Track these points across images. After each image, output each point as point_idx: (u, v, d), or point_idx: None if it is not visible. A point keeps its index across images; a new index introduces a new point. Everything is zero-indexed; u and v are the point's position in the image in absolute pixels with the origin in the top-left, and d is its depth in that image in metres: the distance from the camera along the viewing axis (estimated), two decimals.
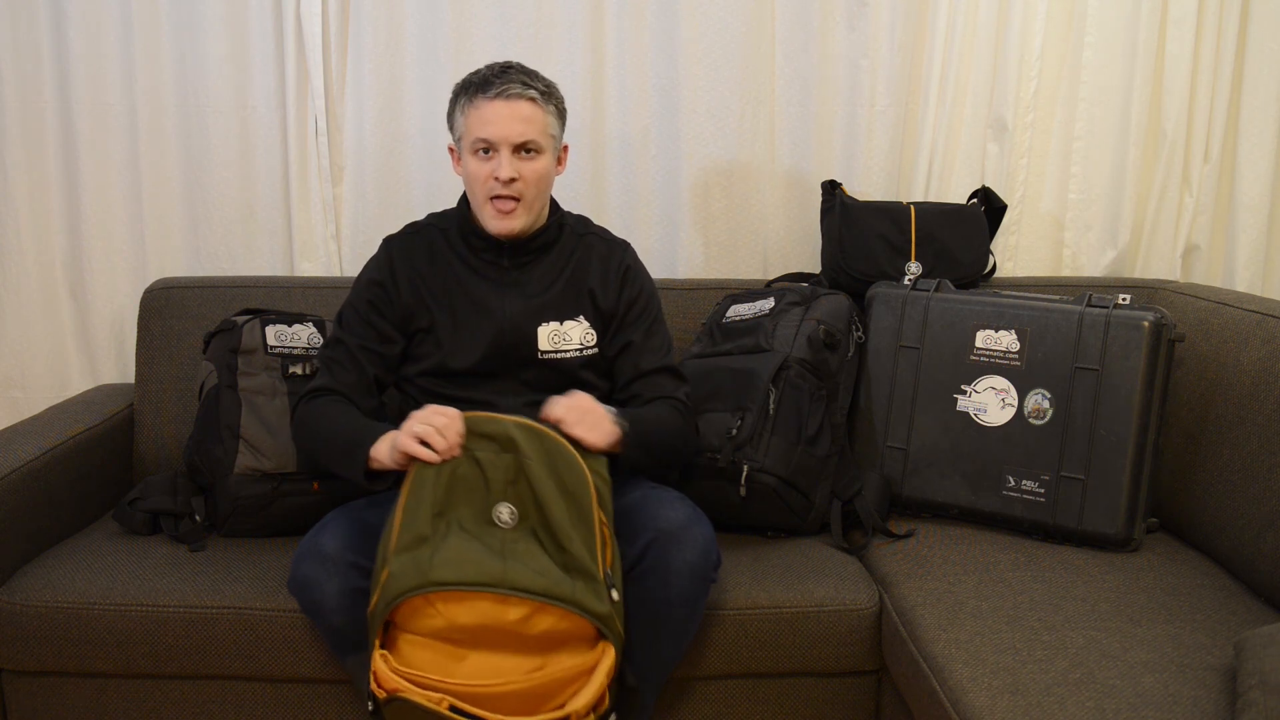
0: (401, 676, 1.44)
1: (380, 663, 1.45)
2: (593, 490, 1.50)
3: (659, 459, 1.74)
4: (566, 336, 1.78)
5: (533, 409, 1.71)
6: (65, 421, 2.03)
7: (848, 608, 1.71)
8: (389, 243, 1.85)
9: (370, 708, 1.49)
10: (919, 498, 2.00)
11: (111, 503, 2.04)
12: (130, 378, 2.33)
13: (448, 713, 1.43)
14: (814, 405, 1.93)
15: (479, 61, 2.26)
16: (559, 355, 1.78)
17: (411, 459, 1.51)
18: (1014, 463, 1.91)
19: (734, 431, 1.85)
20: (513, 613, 1.44)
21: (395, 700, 1.44)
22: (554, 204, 1.85)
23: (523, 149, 1.69)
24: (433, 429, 1.50)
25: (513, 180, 1.69)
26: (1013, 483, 1.91)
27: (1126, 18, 2.33)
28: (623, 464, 1.65)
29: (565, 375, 1.78)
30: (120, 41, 2.29)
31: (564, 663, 1.47)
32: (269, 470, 1.88)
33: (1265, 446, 1.69)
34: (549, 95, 1.72)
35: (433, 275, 1.79)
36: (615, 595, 1.48)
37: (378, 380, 1.79)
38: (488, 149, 1.69)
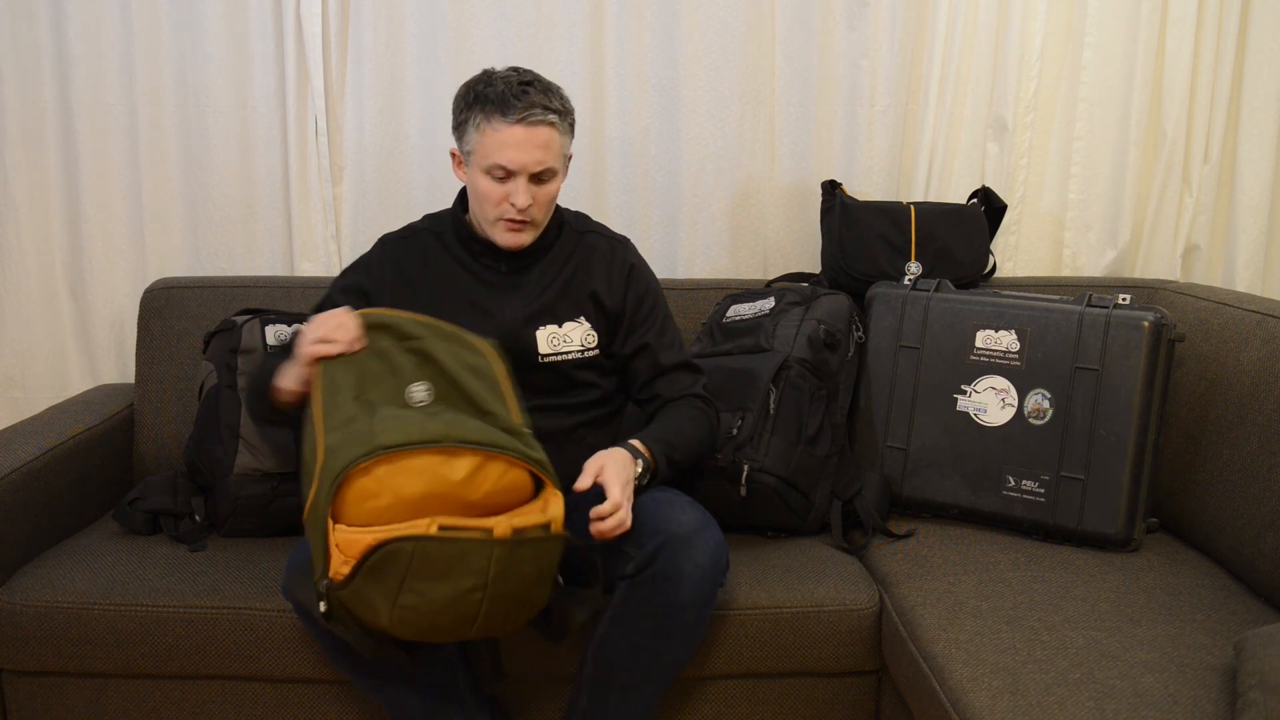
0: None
1: (342, 533, 1.35)
2: (494, 365, 1.52)
3: (689, 465, 1.75)
4: (566, 338, 1.77)
5: (538, 414, 1.71)
6: (65, 421, 2.03)
7: (848, 608, 1.71)
8: (384, 243, 1.84)
9: (323, 608, 1.38)
10: (919, 498, 2.00)
11: (111, 503, 2.04)
12: (130, 378, 2.33)
13: (439, 533, 1.35)
14: (814, 405, 1.93)
15: (479, 61, 2.27)
16: (559, 358, 1.77)
17: (315, 366, 1.48)
18: (1014, 463, 1.91)
19: (734, 431, 1.85)
20: (459, 470, 1.38)
21: (375, 553, 1.33)
22: None
23: (540, 176, 1.67)
24: (327, 327, 1.49)
25: (528, 206, 1.67)
26: (1013, 483, 1.91)
27: (1126, 18, 2.33)
28: (656, 483, 1.67)
29: (566, 377, 1.78)
30: (120, 41, 2.29)
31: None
32: (269, 470, 1.88)
33: (1265, 446, 1.69)
34: (564, 114, 1.68)
35: (427, 280, 1.78)
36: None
37: None
38: (504, 172, 1.66)
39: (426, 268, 1.78)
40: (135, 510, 1.91)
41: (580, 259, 1.80)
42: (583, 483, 1.55)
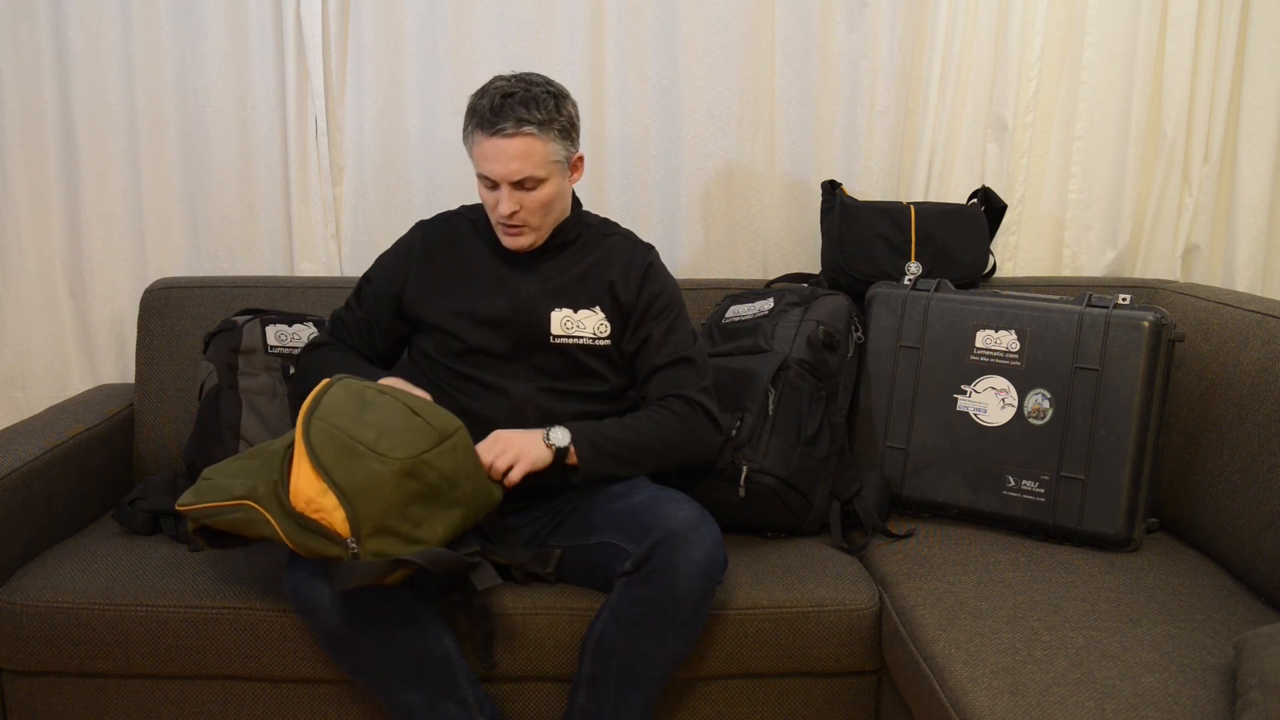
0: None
1: (301, 500, 1.47)
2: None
3: (642, 462, 1.75)
4: (580, 324, 1.80)
5: (546, 395, 1.76)
6: (65, 421, 2.03)
7: (848, 608, 1.71)
8: (419, 226, 1.91)
9: (357, 555, 1.47)
10: (919, 498, 2.00)
11: (111, 503, 2.04)
12: (130, 378, 2.33)
13: (310, 400, 1.54)
14: (813, 406, 1.93)
15: (479, 61, 2.28)
16: (570, 341, 1.79)
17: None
18: (1014, 463, 1.91)
19: (733, 432, 1.85)
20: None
21: (317, 464, 1.47)
22: (576, 202, 1.87)
23: (522, 184, 1.71)
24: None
25: (514, 213, 1.72)
26: (1013, 483, 1.91)
27: (1126, 18, 2.33)
28: (586, 473, 1.69)
29: (575, 363, 1.80)
30: (120, 41, 2.29)
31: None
32: None
33: (1265, 446, 1.69)
34: (549, 122, 1.69)
35: (454, 257, 1.84)
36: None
37: (380, 356, 1.90)
38: (490, 181, 1.72)
39: (455, 247, 1.85)
40: (135, 510, 1.91)
41: (602, 254, 1.84)
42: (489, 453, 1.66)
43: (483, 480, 1.62)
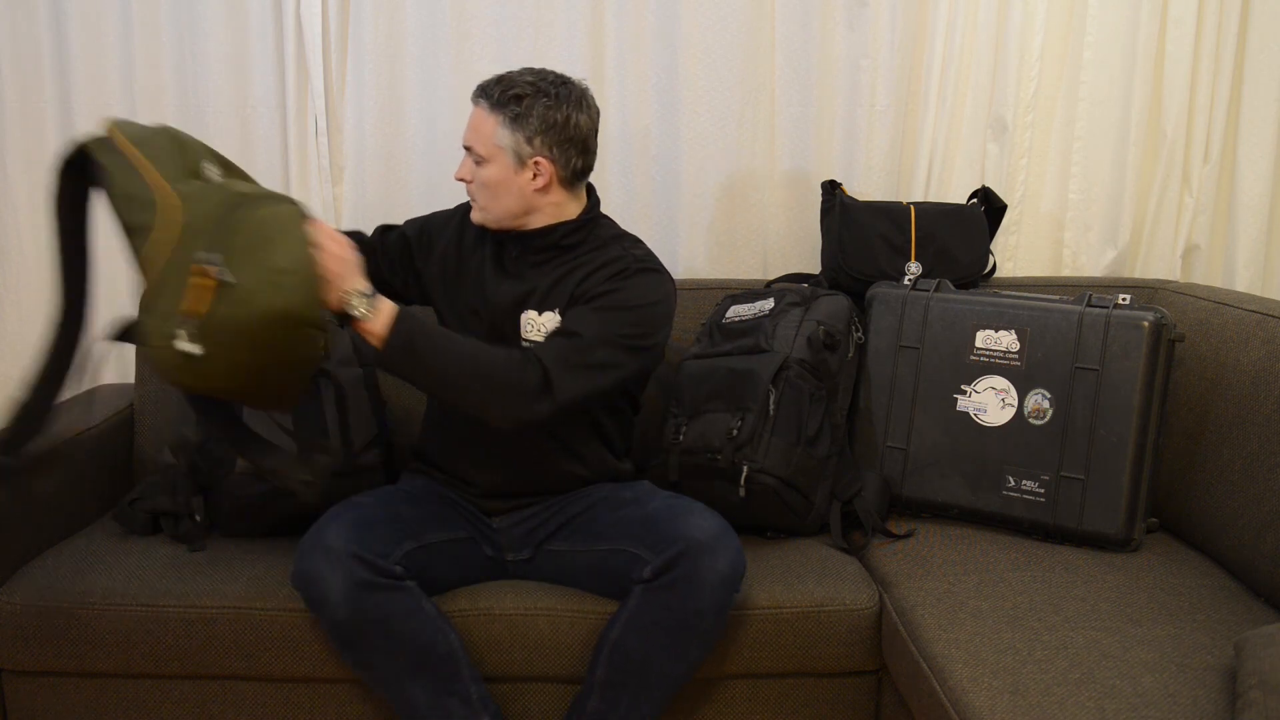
0: None
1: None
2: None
3: (445, 374, 1.59)
4: (541, 327, 1.74)
5: None
6: (65, 421, 2.03)
7: (848, 608, 1.71)
8: (461, 209, 1.88)
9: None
10: (919, 498, 2.00)
11: (111, 503, 2.04)
12: (130, 378, 2.33)
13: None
14: (814, 406, 1.93)
15: (479, 61, 2.29)
16: (533, 344, 1.74)
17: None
18: (1014, 463, 1.91)
19: (734, 432, 1.85)
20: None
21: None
22: (588, 212, 1.78)
23: (473, 153, 1.72)
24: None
25: (465, 180, 1.74)
26: (1013, 483, 1.91)
27: (1126, 18, 2.33)
28: (385, 360, 1.57)
29: None
30: (120, 41, 2.29)
31: None
32: None
33: (1265, 446, 1.69)
34: (501, 105, 1.66)
35: (451, 250, 1.84)
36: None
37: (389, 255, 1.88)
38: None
39: (460, 236, 1.85)
40: (135, 510, 1.91)
41: (585, 262, 1.74)
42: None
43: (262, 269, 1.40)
